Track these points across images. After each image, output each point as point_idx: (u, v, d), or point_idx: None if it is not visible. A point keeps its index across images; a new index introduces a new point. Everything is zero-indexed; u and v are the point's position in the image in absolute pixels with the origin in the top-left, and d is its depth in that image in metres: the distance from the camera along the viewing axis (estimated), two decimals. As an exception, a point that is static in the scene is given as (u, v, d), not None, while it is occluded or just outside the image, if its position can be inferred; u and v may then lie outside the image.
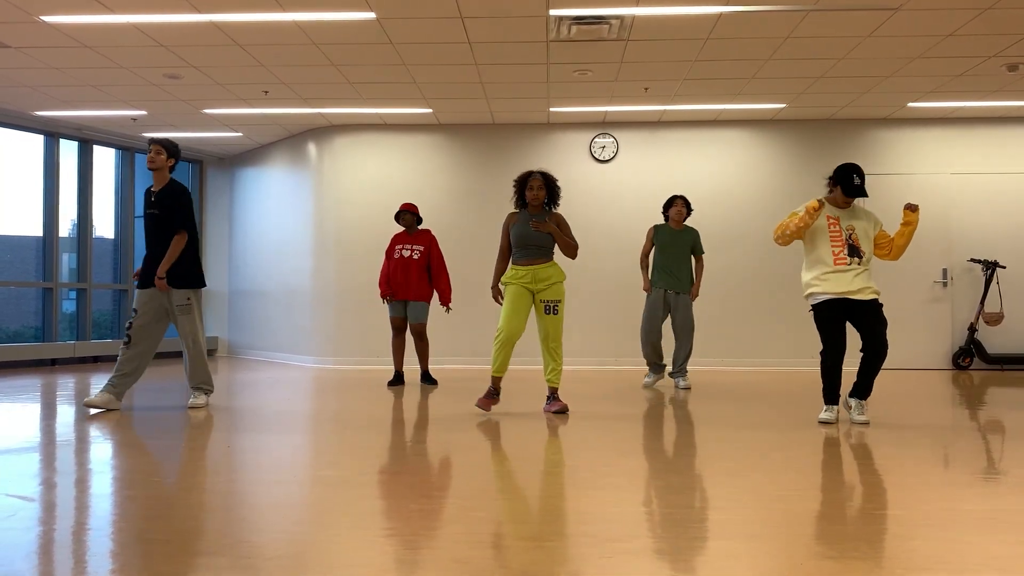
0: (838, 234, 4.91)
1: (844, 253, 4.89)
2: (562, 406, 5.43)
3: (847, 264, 4.87)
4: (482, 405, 5.46)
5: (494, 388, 5.48)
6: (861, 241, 4.92)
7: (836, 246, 4.90)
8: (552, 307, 5.34)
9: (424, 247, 7.08)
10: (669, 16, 6.06)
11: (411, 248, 7.07)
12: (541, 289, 5.36)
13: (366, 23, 6.17)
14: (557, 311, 5.34)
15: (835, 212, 4.98)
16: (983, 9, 5.88)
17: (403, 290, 7.04)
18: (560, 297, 5.36)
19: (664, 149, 9.54)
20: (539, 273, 5.36)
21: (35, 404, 5.95)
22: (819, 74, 7.56)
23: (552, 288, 5.36)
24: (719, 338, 9.31)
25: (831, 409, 5.00)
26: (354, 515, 2.80)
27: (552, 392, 5.48)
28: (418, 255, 7.05)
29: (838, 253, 4.89)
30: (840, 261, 4.88)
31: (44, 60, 7.09)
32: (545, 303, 5.35)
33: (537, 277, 5.35)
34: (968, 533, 2.57)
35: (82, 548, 2.44)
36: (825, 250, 4.91)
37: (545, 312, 5.34)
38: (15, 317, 10.21)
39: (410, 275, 7.02)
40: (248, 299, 11.25)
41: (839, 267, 4.87)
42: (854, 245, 4.90)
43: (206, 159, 11.55)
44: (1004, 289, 9.14)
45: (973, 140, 9.33)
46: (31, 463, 3.73)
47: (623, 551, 2.38)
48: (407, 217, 7.17)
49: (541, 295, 5.37)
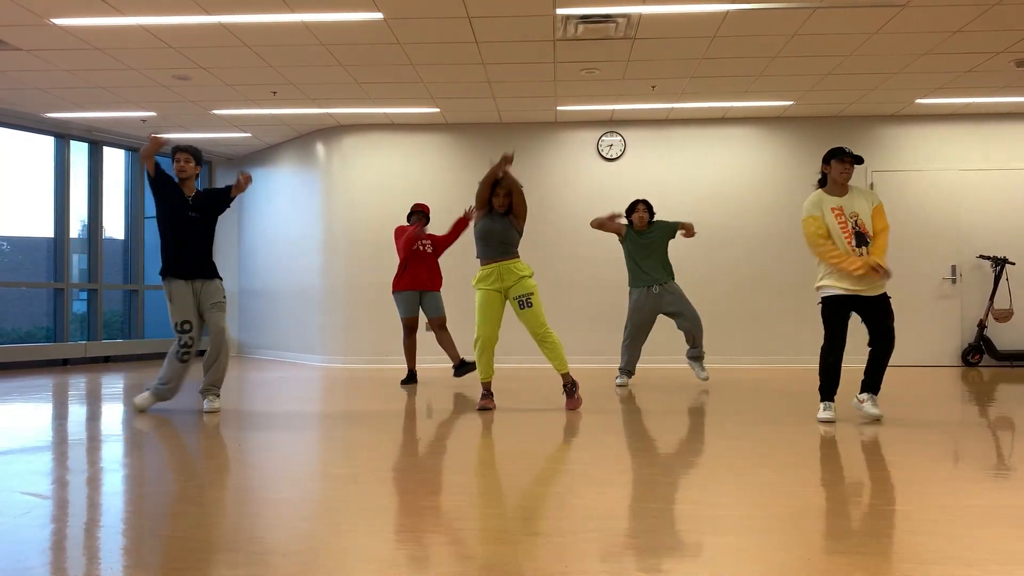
0: (845, 224, 4.89)
1: (853, 244, 4.88)
2: (576, 404, 5.49)
3: (858, 255, 4.85)
4: (484, 406, 5.53)
5: (486, 391, 5.58)
6: (866, 225, 4.91)
7: (846, 238, 4.88)
8: (525, 301, 5.39)
9: (430, 240, 7.42)
10: (676, 14, 6.06)
11: (423, 244, 7.34)
12: (509, 286, 5.42)
13: (373, 23, 6.20)
14: (531, 303, 5.39)
15: (837, 202, 4.94)
16: (990, 5, 5.86)
17: (422, 282, 7.24)
18: (531, 290, 5.41)
19: (672, 147, 9.54)
20: (504, 269, 5.42)
21: (47, 404, 6.00)
22: (827, 71, 7.55)
23: (520, 283, 5.41)
24: (726, 335, 9.31)
25: (829, 407, 4.97)
26: (366, 512, 2.83)
27: (565, 381, 5.53)
28: (431, 248, 7.39)
29: (851, 245, 4.87)
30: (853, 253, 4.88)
31: (54, 63, 7.14)
32: (518, 299, 5.40)
33: (503, 274, 5.41)
34: (975, 528, 2.58)
35: (97, 544, 2.47)
36: (840, 244, 4.88)
37: (520, 308, 5.41)
38: (26, 318, 10.29)
39: (430, 268, 7.33)
40: (258, 298, 11.31)
41: None
42: (860, 232, 4.88)
43: (215, 159, 11.61)
44: (1013, 286, 9.11)
45: (982, 136, 9.30)
46: (45, 462, 3.76)
47: (632, 546, 2.40)
48: (422, 217, 7.32)
49: (511, 292, 5.43)
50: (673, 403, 5.91)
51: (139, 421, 5.06)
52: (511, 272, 5.43)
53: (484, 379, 5.55)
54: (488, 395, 5.57)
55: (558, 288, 9.30)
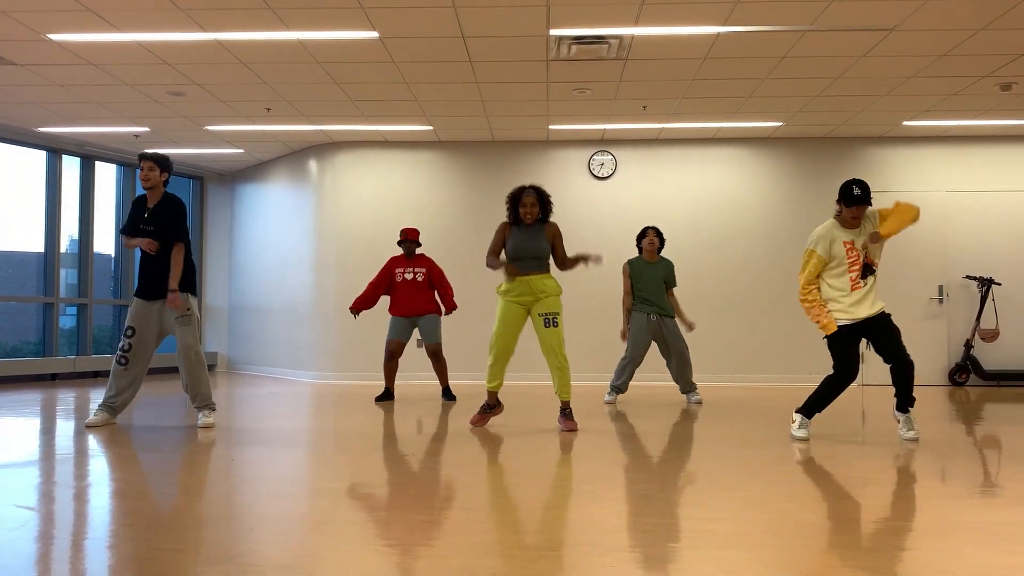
0: (856, 259, 4.88)
1: (859, 276, 4.88)
2: (573, 425, 5.35)
3: (862, 288, 4.87)
4: (476, 422, 5.46)
5: (490, 403, 5.50)
6: (873, 255, 4.93)
7: (854, 271, 4.89)
8: (552, 319, 5.24)
9: (425, 269, 7.25)
10: (668, 36, 6.14)
11: (414, 271, 7.23)
12: (538, 299, 5.29)
13: (369, 42, 6.25)
14: (556, 323, 5.24)
15: (848, 235, 4.91)
16: (976, 30, 5.98)
17: (411, 308, 7.17)
18: (558, 310, 5.27)
19: (662, 166, 9.62)
20: (534, 284, 5.27)
21: (36, 419, 5.98)
22: (816, 93, 7.65)
23: (549, 300, 5.27)
24: (717, 354, 9.35)
25: (806, 424, 4.99)
26: (360, 526, 2.84)
27: (564, 406, 5.42)
28: (422, 277, 7.23)
29: (855, 278, 4.88)
30: (856, 287, 4.88)
31: (49, 77, 7.16)
32: (544, 316, 5.25)
33: (532, 288, 5.27)
34: (966, 543, 2.61)
35: (92, 558, 2.47)
36: (844, 279, 4.88)
37: (545, 325, 5.24)
38: (14, 332, 10.23)
39: (417, 295, 7.18)
40: (248, 314, 11.28)
41: (855, 292, 4.87)
42: (868, 264, 4.90)
43: (207, 175, 11.62)
44: (1000, 306, 9.21)
45: (968, 158, 9.43)
46: (37, 476, 3.75)
47: (626, 560, 2.42)
48: (409, 247, 7.28)
49: (538, 307, 5.29)
50: (663, 421, 5.94)
51: (129, 436, 5.05)
52: (542, 287, 5.30)
53: (492, 387, 5.41)
54: (489, 408, 5.48)
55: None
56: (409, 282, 7.19)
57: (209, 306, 11.74)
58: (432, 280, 7.23)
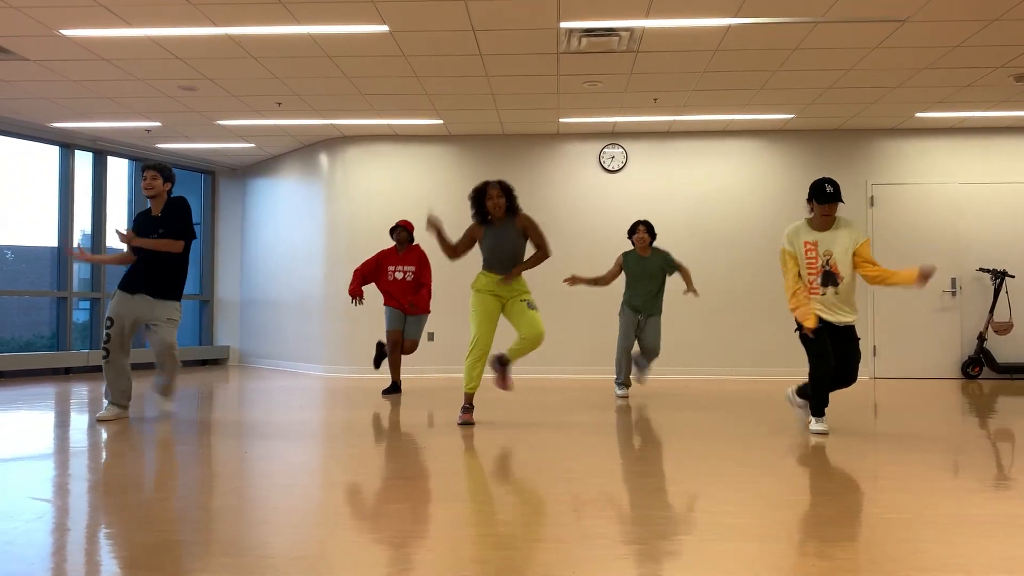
0: (814, 260, 4.81)
1: (818, 283, 4.80)
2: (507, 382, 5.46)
3: (820, 294, 4.80)
4: (465, 421, 5.39)
5: (468, 404, 5.43)
6: (840, 266, 4.79)
7: (811, 274, 4.82)
8: (531, 304, 5.36)
9: (415, 267, 7.22)
10: (679, 28, 6.12)
11: (403, 270, 7.21)
12: (509, 297, 5.36)
13: (379, 36, 6.26)
14: (535, 307, 5.37)
15: (814, 236, 4.84)
16: (989, 20, 5.93)
17: (400, 306, 7.18)
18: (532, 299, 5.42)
19: (673, 159, 9.60)
20: (513, 283, 5.37)
21: (50, 412, 6.03)
22: (827, 85, 7.61)
23: (521, 293, 5.38)
24: (723, 348, 9.34)
25: (822, 421, 4.94)
26: (372, 518, 2.85)
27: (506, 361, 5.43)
28: (411, 276, 7.20)
29: (812, 282, 4.82)
30: (814, 291, 4.81)
31: (62, 73, 7.20)
32: (525, 300, 5.36)
33: (512, 286, 5.36)
34: (977, 536, 2.61)
35: (108, 549, 2.50)
36: (804, 278, 4.85)
37: (529, 307, 5.33)
38: (28, 326, 10.31)
39: (407, 295, 7.17)
40: (260, 308, 11.34)
41: (813, 295, 4.82)
42: (830, 272, 4.79)
43: (218, 170, 11.66)
44: (1013, 299, 9.15)
45: (981, 150, 9.36)
46: (52, 469, 3.79)
47: (637, 553, 2.43)
48: (402, 234, 7.23)
49: (516, 297, 5.36)
50: (671, 414, 5.94)
51: (141, 430, 5.09)
52: (516, 285, 5.39)
53: (470, 390, 5.40)
54: (470, 408, 5.43)
55: (557, 299, 9.33)
56: (399, 282, 7.18)
57: (220, 300, 11.80)
58: (420, 279, 7.23)
